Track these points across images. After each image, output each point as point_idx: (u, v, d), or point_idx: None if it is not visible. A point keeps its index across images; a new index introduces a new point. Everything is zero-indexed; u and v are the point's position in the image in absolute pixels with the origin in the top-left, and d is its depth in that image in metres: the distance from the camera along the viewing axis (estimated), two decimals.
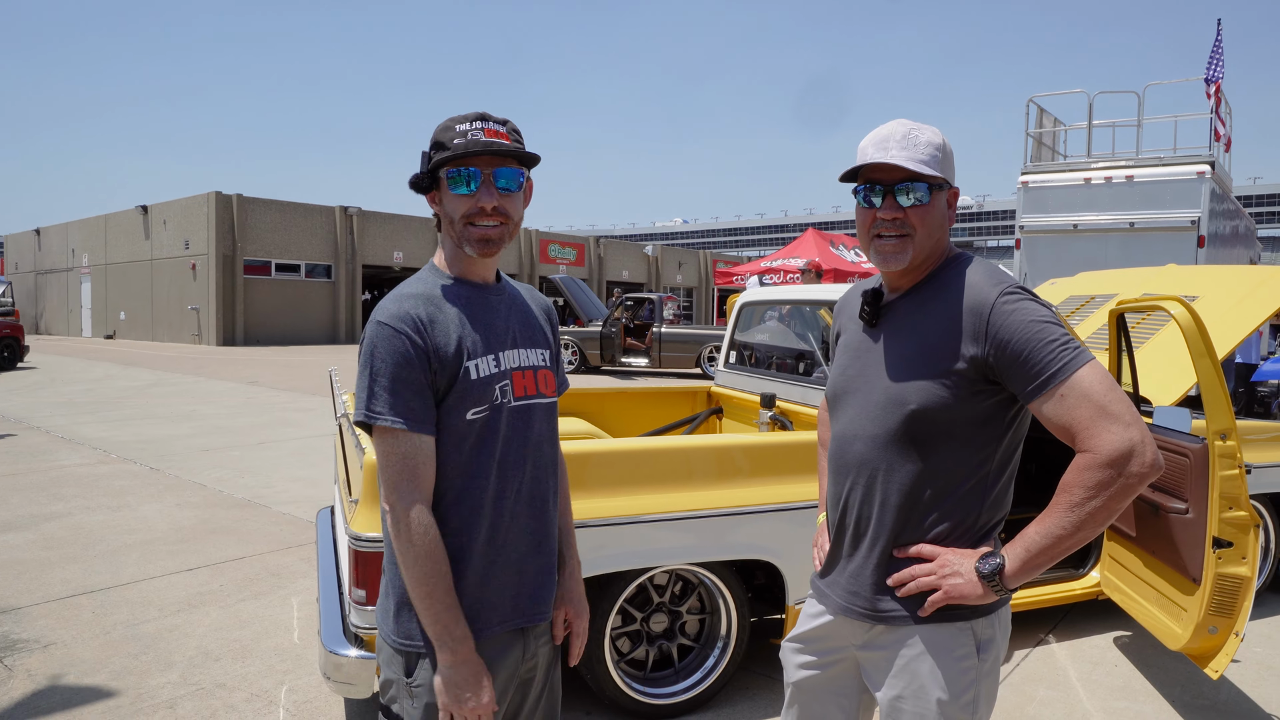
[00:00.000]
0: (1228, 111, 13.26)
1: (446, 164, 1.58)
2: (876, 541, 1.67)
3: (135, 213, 31.33)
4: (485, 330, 1.62)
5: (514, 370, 1.64)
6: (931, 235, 1.65)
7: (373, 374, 1.52)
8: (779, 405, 4.56)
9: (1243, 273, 5.40)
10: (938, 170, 1.63)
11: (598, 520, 3.05)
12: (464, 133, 1.57)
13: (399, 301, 1.57)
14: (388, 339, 1.52)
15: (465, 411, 1.57)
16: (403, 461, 1.51)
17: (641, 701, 3.28)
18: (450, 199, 1.60)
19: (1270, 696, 3.64)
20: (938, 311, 1.61)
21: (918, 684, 1.62)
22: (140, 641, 3.97)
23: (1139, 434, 1.44)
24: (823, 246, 19.25)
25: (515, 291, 1.77)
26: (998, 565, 1.54)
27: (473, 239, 1.59)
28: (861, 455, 1.68)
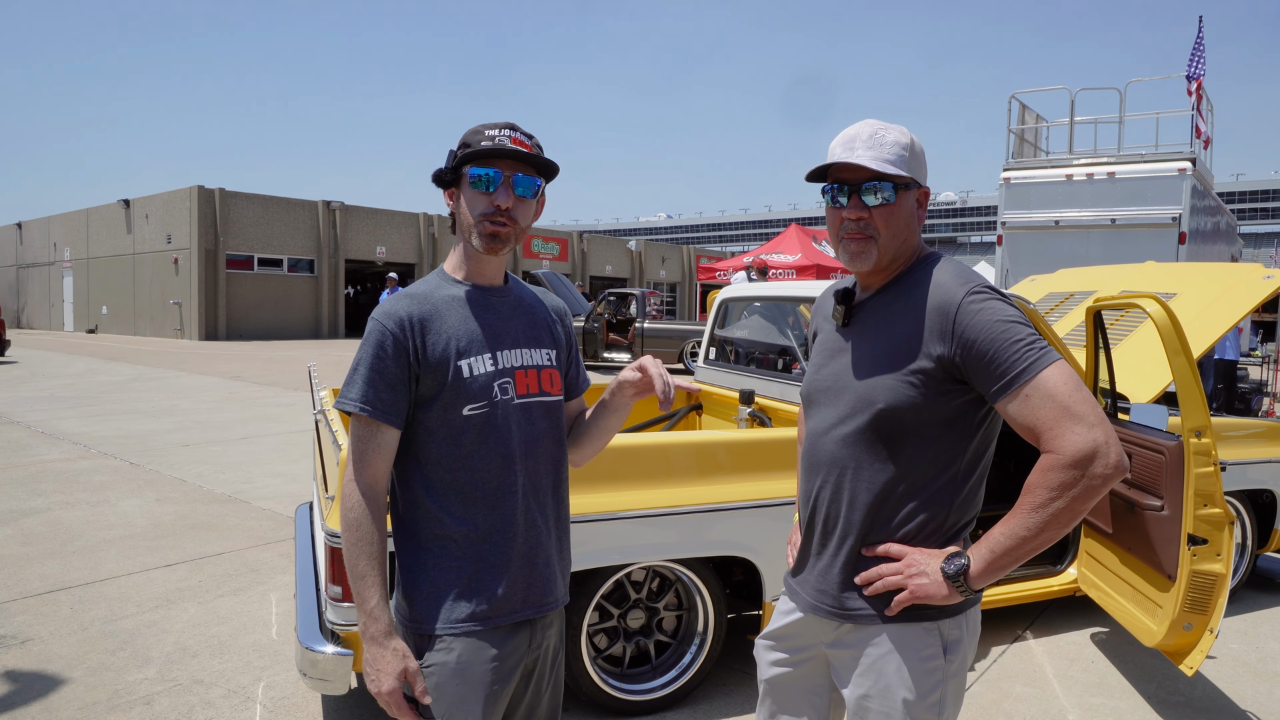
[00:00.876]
0: (1209, 108, 13.34)
1: (471, 161, 1.66)
2: (845, 540, 1.67)
3: (117, 206, 31.05)
4: (484, 330, 1.69)
5: (516, 369, 1.71)
6: (897, 235, 1.66)
7: (356, 363, 1.63)
8: (758, 401, 4.57)
9: (1221, 270, 5.45)
10: (904, 170, 1.63)
11: (576, 516, 3.05)
12: (492, 137, 1.66)
13: (396, 300, 1.67)
14: (375, 333, 1.62)
15: (461, 407, 1.64)
16: (357, 443, 1.61)
17: (618, 698, 3.28)
18: (470, 196, 1.68)
19: (1245, 692, 3.68)
20: (906, 311, 1.61)
21: (884, 683, 1.62)
22: (118, 638, 3.94)
23: (1103, 435, 1.43)
24: (806, 242, 19.28)
25: (524, 294, 1.83)
26: (962, 566, 1.54)
27: (484, 234, 1.67)
28: (831, 453, 1.69)
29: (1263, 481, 4.62)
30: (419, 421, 1.65)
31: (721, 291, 5.46)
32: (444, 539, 1.65)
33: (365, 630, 1.58)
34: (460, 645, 1.63)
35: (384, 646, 1.58)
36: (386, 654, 1.57)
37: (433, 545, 1.65)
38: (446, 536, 1.65)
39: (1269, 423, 4.85)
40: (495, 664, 1.65)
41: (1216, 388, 11.72)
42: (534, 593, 1.71)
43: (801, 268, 17.27)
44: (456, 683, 1.62)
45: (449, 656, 1.62)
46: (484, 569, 1.65)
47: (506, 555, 1.67)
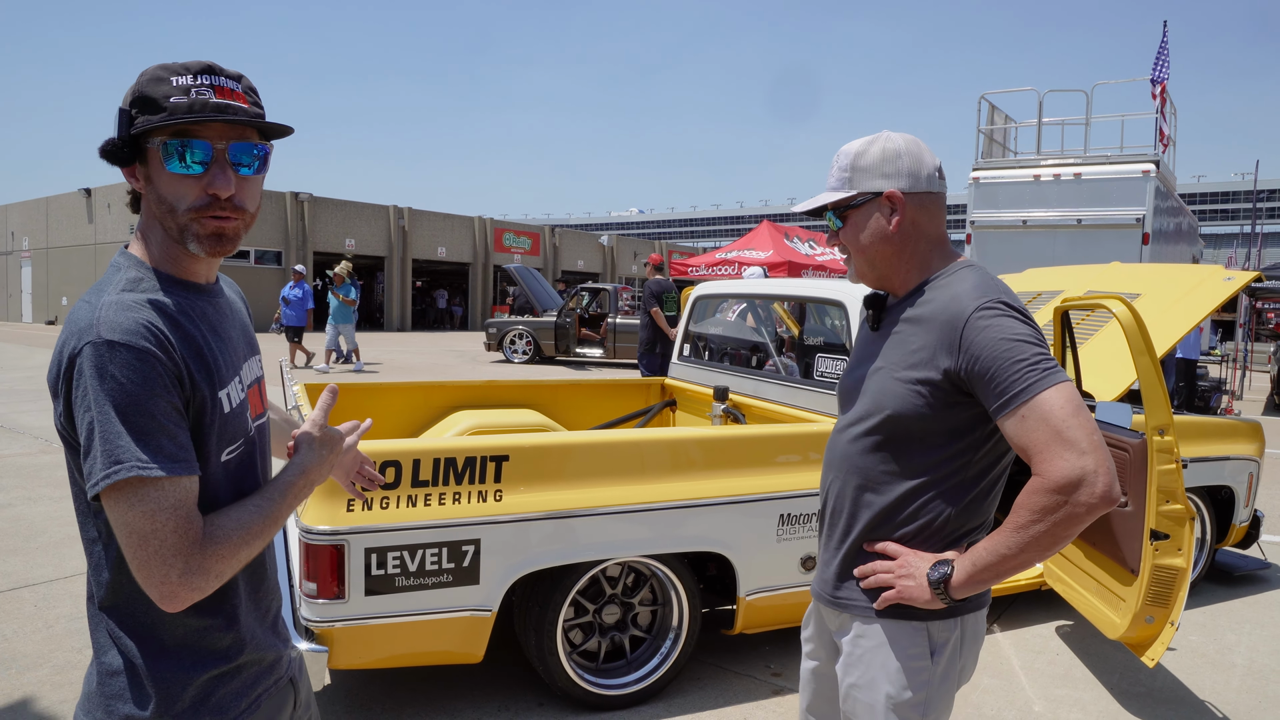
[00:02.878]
0: (1172, 111, 13.59)
1: (159, 131, 1.20)
2: (848, 534, 1.72)
3: (78, 195, 30.48)
4: (223, 346, 1.29)
5: (250, 388, 1.37)
6: (862, 251, 1.71)
7: (120, 411, 1.11)
8: (732, 398, 4.60)
9: (1183, 271, 5.56)
10: (847, 190, 1.68)
11: (550, 513, 3.06)
12: (186, 89, 1.19)
13: (125, 311, 1.16)
14: (129, 362, 1.12)
15: (221, 453, 1.26)
16: (178, 515, 1.13)
17: (593, 693, 3.30)
18: (167, 180, 1.22)
19: (1204, 683, 3.77)
20: (921, 320, 1.63)
21: (870, 675, 1.66)
22: (83, 635, 3.88)
23: (1093, 463, 1.41)
24: (777, 239, 19.37)
25: (225, 289, 1.42)
26: (944, 574, 1.56)
27: (204, 234, 1.24)
28: (843, 451, 1.74)
29: (1221, 478, 4.73)
30: None
31: (696, 288, 5.48)
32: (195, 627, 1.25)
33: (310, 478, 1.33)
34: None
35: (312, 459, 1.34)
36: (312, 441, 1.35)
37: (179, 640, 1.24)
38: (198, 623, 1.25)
39: (1228, 420, 4.96)
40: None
41: (1178, 386, 11.95)
42: (291, 647, 1.47)
43: (773, 264, 17.35)
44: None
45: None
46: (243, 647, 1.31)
47: (264, 620, 1.37)
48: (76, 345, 1.14)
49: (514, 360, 18.08)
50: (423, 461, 2.92)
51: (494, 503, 3.00)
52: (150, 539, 1.12)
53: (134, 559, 1.13)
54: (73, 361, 1.14)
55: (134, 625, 1.23)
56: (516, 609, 3.30)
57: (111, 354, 1.12)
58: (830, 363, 4.03)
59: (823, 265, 19.00)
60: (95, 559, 1.24)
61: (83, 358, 1.13)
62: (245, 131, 1.25)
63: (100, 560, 1.23)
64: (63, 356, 1.15)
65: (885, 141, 1.68)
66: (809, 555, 3.50)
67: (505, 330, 18.31)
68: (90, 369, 1.12)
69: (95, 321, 1.14)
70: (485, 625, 3.05)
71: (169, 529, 1.13)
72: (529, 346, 18.04)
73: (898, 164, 1.67)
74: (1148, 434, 3.23)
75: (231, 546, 1.19)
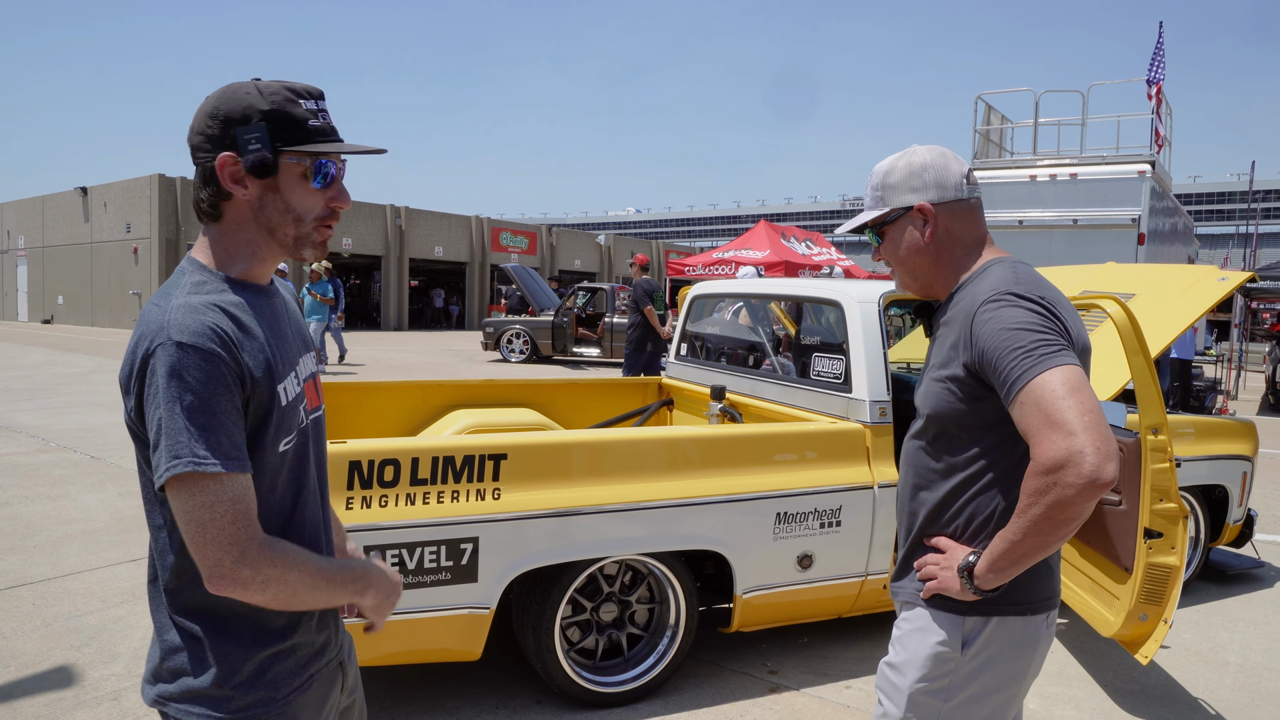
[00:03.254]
0: (1168, 112, 13.63)
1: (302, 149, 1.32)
2: (909, 532, 1.82)
3: (74, 194, 30.43)
4: (281, 343, 1.37)
5: (306, 382, 1.44)
6: (905, 263, 1.79)
7: (187, 409, 1.19)
8: (729, 398, 4.62)
9: (1178, 272, 5.59)
10: (880, 209, 1.77)
11: (548, 511, 3.08)
12: (314, 113, 1.34)
13: (194, 314, 1.23)
14: (198, 364, 1.20)
15: (279, 444, 1.33)
16: (237, 509, 1.22)
17: (591, 690, 3.32)
18: (303, 194, 1.34)
19: (1197, 681, 3.79)
20: (952, 320, 1.69)
21: (904, 657, 1.73)
22: (83, 633, 3.90)
23: (1080, 443, 1.41)
24: (774, 238, 19.39)
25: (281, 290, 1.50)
26: (970, 563, 1.61)
27: (319, 242, 1.39)
28: (907, 455, 1.85)
29: (1215, 477, 4.76)
30: None
31: (693, 288, 5.50)
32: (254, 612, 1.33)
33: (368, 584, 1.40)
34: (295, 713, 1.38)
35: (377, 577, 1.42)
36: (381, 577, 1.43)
37: (242, 618, 1.33)
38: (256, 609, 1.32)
39: (1222, 420, 4.99)
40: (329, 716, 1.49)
41: (1173, 386, 11.99)
42: (341, 629, 1.54)
43: (770, 264, 17.37)
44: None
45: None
46: (298, 625, 1.39)
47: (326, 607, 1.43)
48: (149, 346, 1.22)
49: (511, 359, 18.09)
50: (421, 460, 2.93)
51: (492, 501, 3.02)
52: (208, 527, 1.20)
53: (193, 544, 1.22)
54: (145, 361, 1.22)
55: (196, 606, 1.32)
56: (515, 607, 3.32)
57: (181, 355, 1.20)
58: (827, 362, 4.04)
59: (818, 265, 19.01)
60: (160, 544, 1.33)
61: (155, 359, 1.21)
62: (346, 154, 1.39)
63: (165, 545, 1.32)
64: (136, 357, 1.23)
65: (911, 156, 1.74)
66: (805, 554, 3.52)
67: (502, 330, 18.32)
68: (161, 369, 1.20)
69: (166, 324, 1.22)
70: (483, 623, 3.06)
71: (225, 520, 1.21)
72: (526, 346, 18.04)
73: (924, 177, 1.73)
74: (1141, 433, 3.25)
75: (286, 565, 1.26)
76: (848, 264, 20.88)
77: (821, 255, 20.25)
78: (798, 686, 3.59)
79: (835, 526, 3.56)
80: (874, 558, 3.66)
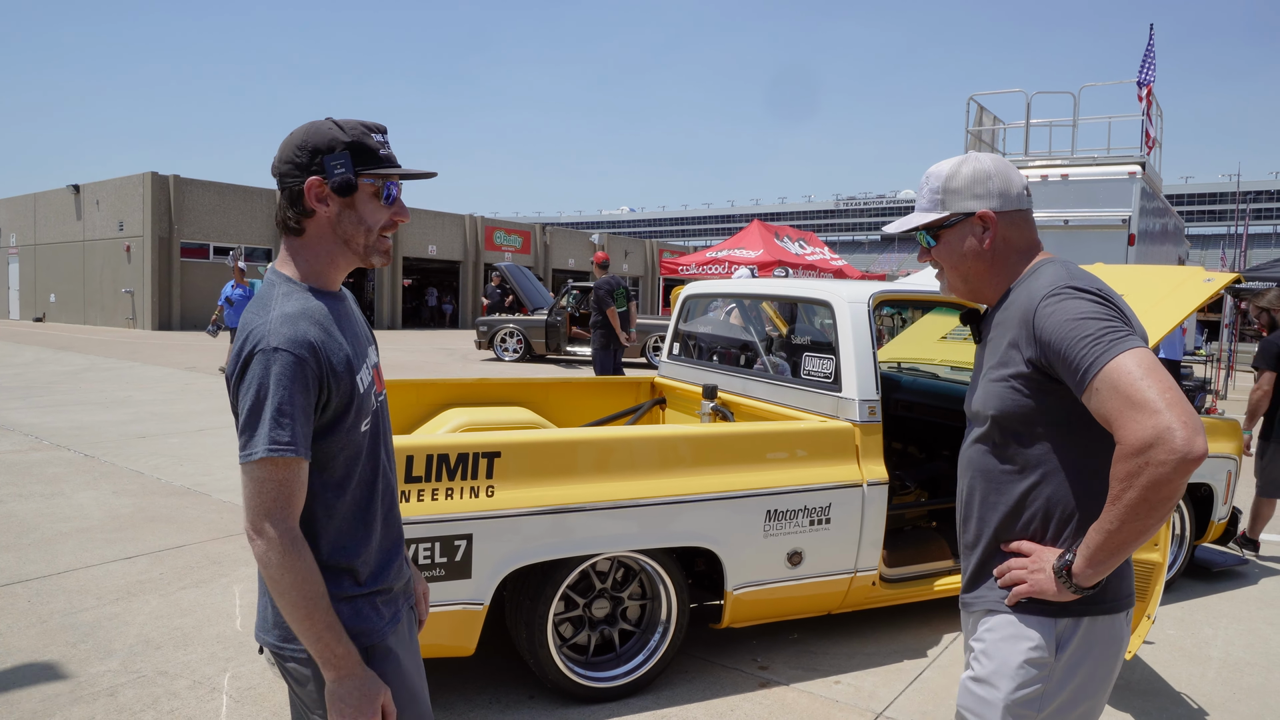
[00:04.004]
0: (1158, 114, 13.71)
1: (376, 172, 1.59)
2: (980, 538, 1.78)
3: (66, 192, 30.33)
4: (354, 339, 1.63)
5: (374, 370, 1.71)
6: (958, 267, 1.80)
7: (278, 404, 1.45)
8: (720, 396, 4.66)
9: (1165, 272, 5.64)
10: (940, 211, 1.77)
11: (542, 508, 3.11)
12: (382, 144, 1.61)
13: (291, 324, 1.50)
14: (289, 366, 1.46)
15: (361, 425, 1.59)
16: (280, 488, 1.47)
17: (583, 685, 3.36)
18: (374, 209, 1.61)
19: (1180, 676, 3.85)
20: (1006, 321, 1.70)
21: (992, 667, 1.68)
22: (78, 630, 3.93)
23: (1167, 420, 1.40)
24: (768, 238, 19.45)
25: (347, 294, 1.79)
26: (1067, 561, 1.57)
27: (383, 250, 1.65)
28: (968, 458, 1.82)
29: (1201, 476, 4.82)
30: (321, 450, 1.55)
31: (686, 287, 5.54)
32: (352, 558, 1.60)
33: (341, 672, 1.51)
34: (391, 646, 1.63)
35: (364, 678, 1.53)
36: (369, 685, 1.53)
37: (340, 567, 1.59)
38: (355, 555, 1.60)
39: (1207, 419, 5.05)
40: (414, 650, 1.74)
41: None
42: (408, 585, 1.78)
43: (763, 264, 17.43)
44: (403, 679, 1.64)
45: (390, 659, 1.62)
46: (386, 574, 1.66)
47: (399, 553, 1.72)
48: (251, 349, 1.49)
49: (505, 358, 18.12)
50: (416, 457, 2.97)
51: (486, 498, 3.06)
52: (258, 495, 1.46)
53: (247, 504, 1.48)
54: (247, 361, 1.49)
55: None
56: (508, 603, 3.36)
57: (277, 358, 1.46)
58: (817, 362, 4.09)
59: (811, 265, 19.08)
60: None
61: (256, 359, 1.47)
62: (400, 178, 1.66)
63: None
64: (240, 356, 1.50)
65: (975, 163, 1.76)
66: (795, 550, 3.57)
67: (496, 328, 18.34)
68: (260, 366, 1.47)
69: (266, 331, 1.48)
70: (477, 619, 3.10)
71: (277, 496, 1.46)
72: (520, 345, 18.07)
73: (988, 185, 1.75)
74: None
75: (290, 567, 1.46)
76: (840, 264, 20.95)
77: (815, 255, 20.32)
78: (788, 682, 3.63)
79: (825, 524, 3.61)
80: (863, 555, 3.71)
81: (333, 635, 1.51)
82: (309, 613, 1.48)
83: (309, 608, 1.48)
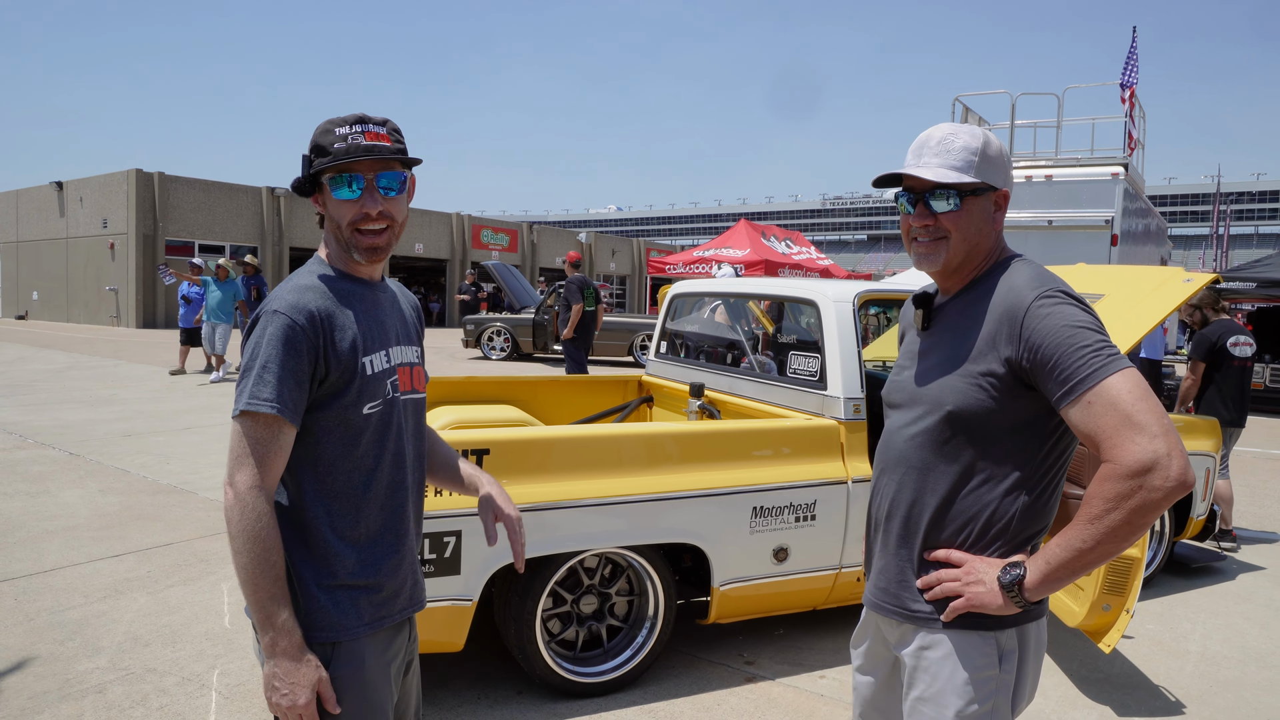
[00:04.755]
0: (1141, 115, 13.84)
1: (328, 169, 1.59)
2: (909, 539, 1.69)
3: (49, 189, 30.10)
4: (376, 327, 1.65)
5: (399, 366, 1.69)
6: (968, 239, 1.66)
7: (264, 362, 1.51)
8: (708, 394, 4.70)
9: (1146, 273, 5.72)
10: (972, 176, 1.64)
11: (530, 505, 3.14)
12: (344, 136, 1.57)
13: (298, 293, 1.56)
14: (282, 328, 1.52)
15: (363, 406, 1.59)
16: (257, 444, 1.50)
17: (571, 680, 3.39)
18: (335, 204, 1.61)
19: (1159, 669, 3.91)
20: (980, 314, 1.62)
21: (937, 687, 1.63)
22: (66, 628, 3.93)
23: (1165, 446, 1.38)
24: (754, 237, 19.50)
25: (393, 290, 1.81)
26: (1018, 576, 1.52)
27: (361, 247, 1.62)
28: (901, 452, 1.72)
29: None
30: (315, 421, 1.57)
31: (673, 286, 5.58)
32: (336, 541, 1.59)
33: (276, 646, 1.49)
34: (362, 649, 1.60)
35: (299, 660, 1.51)
36: (302, 667, 1.51)
37: (323, 549, 1.58)
38: (340, 538, 1.59)
39: (1184, 418, 5.12)
40: (392, 662, 1.67)
41: None
42: (417, 590, 1.75)
43: (750, 263, 17.48)
44: (364, 687, 1.60)
45: (353, 661, 1.59)
46: (377, 570, 1.63)
47: (398, 554, 1.67)
48: (260, 310, 1.58)
49: (492, 357, 18.11)
50: None
51: (473, 495, 3.08)
52: (235, 448, 1.52)
53: (229, 453, 1.53)
54: (253, 323, 1.57)
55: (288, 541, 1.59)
56: (496, 599, 3.39)
57: (273, 320, 1.53)
58: (803, 360, 4.13)
59: (799, 264, 19.15)
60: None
61: (259, 321, 1.55)
62: (389, 164, 1.61)
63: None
64: (255, 316, 1.58)
65: (997, 141, 1.69)
66: (781, 547, 3.61)
67: (483, 327, 18.33)
68: (259, 329, 1.55)
69: (276, 297, 1.57)
70: (466, 615, 3.13)
71: (250, 449, 1.51)
72: (507, 343, 18.07)
73: (1008, 166, 1.70)
74: None
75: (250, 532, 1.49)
76: (826, 263, 21.03)
77: (802, 254, 20.39)
78: (773, 676, 3.68)
79: (810, 520, 3.65)
80: (848, 551, 3.76)
81: (275, 605, 1.50)
82: (257, 574, 1.48)
83: (258, 569, 1.48)
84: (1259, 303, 15.88)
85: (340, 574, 1.59)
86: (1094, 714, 3.48)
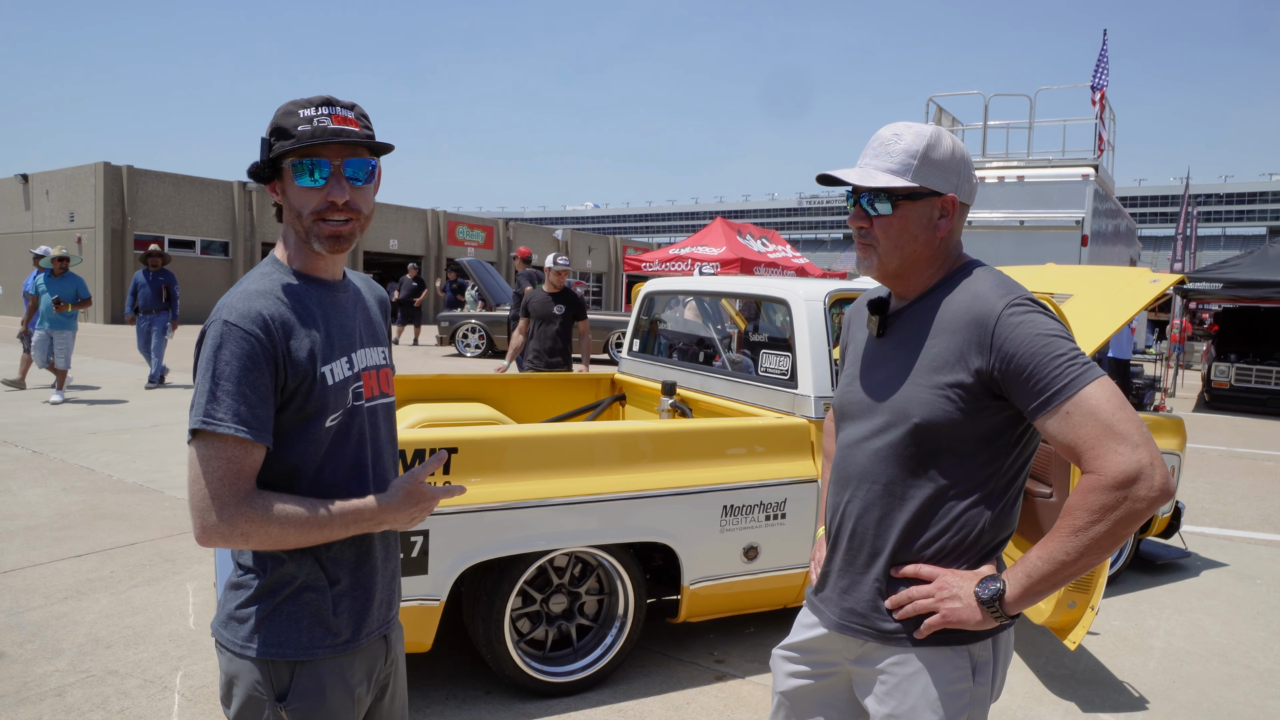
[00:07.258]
0: (1111, 117, 14.02)
1: (291, 153, 1.47)
2: (875, 557, 1.63)
3: (14, 181, 29.60)
4: (338, 332, 1.54)
5: (365, 370, 1.59)
6: (900, 247, 1.60)
7: (215, 376, 1.39)
8: (679, 393, 4.70)
9: (1113, 273, 5.78)
10: (908, 179, 1.56)
11: (499, 504, 3.12)
12: (309, 119, 1.46)
13: (248, 300, 1.44)
14: (236, 340, 1.40)
15: (325, 419, 1.49)
16: (228, 468, 1.39)
17: (540, 680, 3.38)
18: (296, 192, 1.48)
19: (1123, 665, 3.96)
20: (943, 322, 1.56)
21: (909, 704, 1.58)
22: (25, 629, 3.86)
23: (1147, 456, 1.37)
24: (730, 236, 19.53)
25: (357, 286, 1.68)
26: (998, 591, 1.48)
27: (323, 235, 1.50)
28: (863, 467, 1.65)
29: None
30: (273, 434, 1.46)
31: (646, 284, 5.57)
32: (301, 559, 1.50)
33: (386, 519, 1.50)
34: (326, 671, 1.52)
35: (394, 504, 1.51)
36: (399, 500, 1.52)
37: (289, 567, 1.50)
38: (304, 556, 1.50)
39: (1150, 416, 5.19)
40: (362, 685, 1.59)
41: None
42: (391, 608, 1.67)
43: (726, 261, 17.51)
44: (322, 712, 1.52)
45: (315, 685, 1.50)
46: (346, 586, 1.54)
47: (366, 569, 1.58)
48: (209, 322, 1.46)
49: (466, 354, 18.02)
50: None
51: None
52: (199, 481, 1.39)
53: (189, 493, 1.40)
54: (203, 333, 1.45)
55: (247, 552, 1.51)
56: (465, 598, 3.36)
57: (227, 333, 1.41)
58: (774, 359, 4.14)
59: (774, 263, 19.21)
60: None
61: (209, 333, 1.44)
62: (357, 150, 1.50)
63: None
64: (204, 328, 1.46)
65: (953, 142, 1.60)
66: (751, 545, 3.61)
67: (458, 324, 18.24)
68: (209, 341, 1.42)
69: (225, 305, 1.44)
70: (434, 615, 3.10)
71: (216, 476, 1.38)
72: (482, 341, 17.99)
73: (963, 170, 1.61)
74: None
75: (263, 521, 1.40)
76: (802, 262, 21.11)
77: (777, 253, 20.45)
78: (743, 675, 3.68)
79: (780, 519, 3.66)
80: None
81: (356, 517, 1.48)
82: (324, 530, 1.45)
83: (319, 529, 1.44)
84: (1225, 303, 16.12)
85: (305, 591, 1.50)
86: (1059, 710, 3.51)
